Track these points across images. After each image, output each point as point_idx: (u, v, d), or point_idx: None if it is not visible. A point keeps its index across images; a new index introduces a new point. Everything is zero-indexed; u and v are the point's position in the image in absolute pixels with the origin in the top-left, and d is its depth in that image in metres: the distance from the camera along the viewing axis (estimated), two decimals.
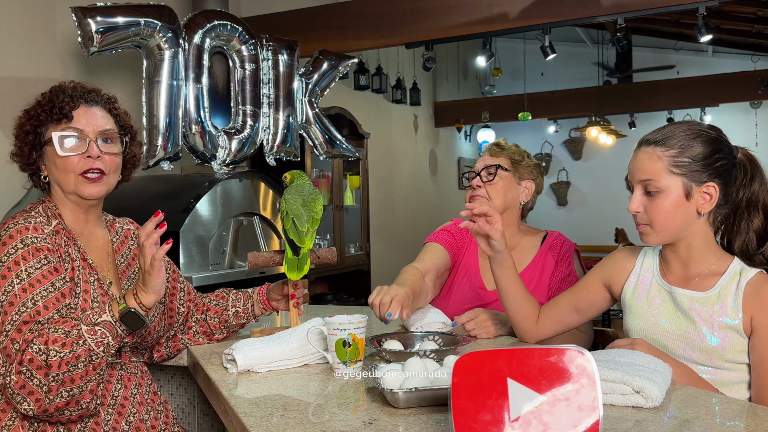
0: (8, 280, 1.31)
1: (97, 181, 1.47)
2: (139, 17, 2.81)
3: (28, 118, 1.47)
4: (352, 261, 4.93)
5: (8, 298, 1.30)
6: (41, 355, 1.25)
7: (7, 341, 1.27)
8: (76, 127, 1.45)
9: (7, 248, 1.34)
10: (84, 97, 1.49)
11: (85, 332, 1.28)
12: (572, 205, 9.08)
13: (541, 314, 1.64)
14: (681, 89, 7.18)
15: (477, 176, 1.99)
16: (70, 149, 1.44)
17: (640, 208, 1.40)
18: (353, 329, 1.39)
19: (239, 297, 1.76)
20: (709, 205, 1.38)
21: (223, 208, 3.13)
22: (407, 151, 7.04)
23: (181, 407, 1.90)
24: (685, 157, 1.37)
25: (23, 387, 1.25)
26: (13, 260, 1.32)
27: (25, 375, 1.25)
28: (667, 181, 1.37)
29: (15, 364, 1.25)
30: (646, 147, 1.41)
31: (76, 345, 1.27)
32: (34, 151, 1.46)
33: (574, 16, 3.52)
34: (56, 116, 1.45)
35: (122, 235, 1.63)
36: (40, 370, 1.24)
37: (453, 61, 8.09)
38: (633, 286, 1.51)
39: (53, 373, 1.25)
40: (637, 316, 1.49)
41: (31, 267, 1.33)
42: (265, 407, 1.17)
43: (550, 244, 1.99)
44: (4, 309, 1.29)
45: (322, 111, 3.72)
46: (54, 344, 1.25)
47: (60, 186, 1.47)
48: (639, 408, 1.10)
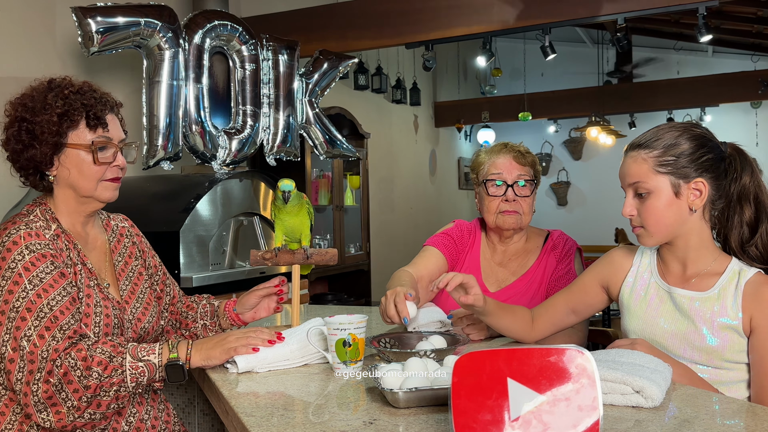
0: (21, 285, 1.30)
1: (116, 186, 1.50)
2: (139, 17, 2.81)
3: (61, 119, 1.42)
4: (352, 261, 4.93)
5: (25, 304, 1.28)
6: (77, 371, 1.25)
7: (31, 346, 1.26)
8: (108, 136, 1.46)
9: (13, 254, 1.32)
10: (110, 105, 1.50)
11: (128, 363, 1.30)
12: (572, 205, 9.08)
13: (537, 316, 1.63)
14: (681, 89, 7.18)
15: (510, 188, 1.91)
16: (106, 158, 1.45)
17: (633, 212, 1.42)
18: (353, 329, 1.39)
19: (207, 311, 1.72)
20: (700, 201, 1.39)
21: (223, 208, 3.13)
22: (407, 151, 7.04)
23: (181, 407, 1.90)
24: (670, 156, 1.38)
25: (50, 398, 1.24)
26: (23, 266, 1.31)
27: (55, 387, 1.24)
28: (654, 181, 1.38)
29: (44, 373, 1.24)
30: (631, 151, 1.43)
31: (115, 372, 1.28)
32: (54, 151, 1.43)
33: (574, 16, 3.52)
34: (92, 122, 1.44)
35: (118, 233, 1.62)
36: (71, 385, 1.24)
37: (453, 61, 8.09)
38: (630, 287, 1.51)
39: (88, 395, 1.25)
40: (635, 316, 1.49)
41: (42, 272, 1.32)
42: (265, 407, 1.17)
43: (553, 244, 1.97)
44: (22, 315, 1.28)
45: (322, 111, 3.72)
46: (98, 366, 1.27)
47: (75, 189, 1.46)
48: (639, 408, 1.10)
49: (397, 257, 6.15)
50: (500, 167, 1.92)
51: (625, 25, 4.02)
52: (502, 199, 1.91)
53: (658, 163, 1.38)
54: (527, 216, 1.93)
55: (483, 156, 1.99)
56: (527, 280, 1.94)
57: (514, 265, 1.98)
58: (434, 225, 2.20)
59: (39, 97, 1.44)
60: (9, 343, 1.26)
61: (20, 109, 1.44)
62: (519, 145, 1.99)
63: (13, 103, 1.46)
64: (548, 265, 1.95)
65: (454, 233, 2.03)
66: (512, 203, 1.91)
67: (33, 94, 1.45)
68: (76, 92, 1.45)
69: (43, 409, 1.24)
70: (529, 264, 1.97)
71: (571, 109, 7.73)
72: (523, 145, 1.99)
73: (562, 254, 1.95)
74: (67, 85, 1.45)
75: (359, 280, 5.10)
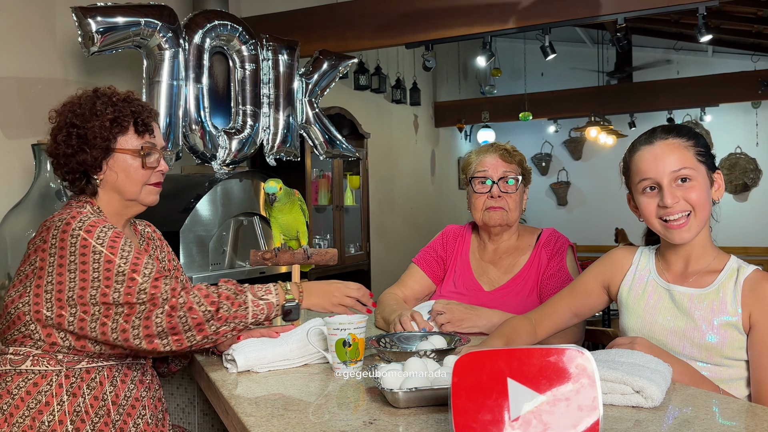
0: (118, 255, 1.38)
1: (158, 191, 1.59)
2: (139, 17, 2.81)
3: (112, 124, 1.49)
4: (352, 261, 4.93)
5: (129, 266, 1.38)
6: (201, 306, 1.37)
7: (149, 294, 1.36)
8: (154, 142, 1.55)
9: (94, 236, 1.39)
10: (154, 114, 1.59)
11: (250, 302, 1.43)
12: (572, 205, 9.08)
13: (539, 322, 1.61)
14: (681, 89, 7.18)
15: (495, 185, 1.96)
16: (152, 163, 1.54)
17: (677, 198, 1.38)
18: (353, 329, 1.39)
19: None
20: (719, 194, 1.40)
21: (223, 208, 3.13)
22: (407, 151, 7.04)
23: (181, 407, 1.90)
24: (701, 147, 1.41)
25: (173, 328, 1.36)
26: (110, 242, 1.40)
27: (180, 319, 1.36)
28: (698, 168, 1.39)
29: (166, 307, 1.35)
30: (666, 138, 1.41)
31: (240, 308, 1.42)
32: (103, 156, 1.50)
33: (574, 16, 3.52)
34: (140, 128, 1.53)
35: (146, 237, 1.71)
36: (195, 319, 1.37)
37: (453, 61, 8.09)
38: (629, 285, 1.51)
39: (214, 324, 1.39)
40: (633, 314, 1.49)
41: (127, 246, 1.41)
42: (265, 407, 1.17)
43: (544, 242, 1.99)
44: (130, 276, 1.37)
45: (322, 111, 3.72)
46: (227, 300, 1.40)
47: (120, 192, 1.53)
48: (639, 408, 1.11)
49: (397, 257, 6.16)
50: (486, 165, 1.97)
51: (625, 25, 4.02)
52: (487, 196, 1.96)
53: (697, 152, 1.40)
54: (514, 212, 1.96)
55: (472, 156, 2.05)
56: (521, 279, 1.96)
57: (506, 263, 2.00)
58: (434, 225, 2.23)
59: (87, 104, 1.50)
60: (122, 298, 1.36)
61: (69, 116, 1.50)
62: (506, 144, 2.04)
63: (60, 110, 1.53)
64: (540, 262, 1.96)
65: (437, 244, 2.12)
66: (497, 200, 1.95)
67: (80, 101, 1.52)
68: (123, 100, 1.53)
69: (165, 336, 1.37)
70: (521, 262, 1.98)
71: (571, 109, 7.72)
72: (510, 144, 2.04)
73: (553, 251, 1.96)
74: (113, 94, 1.54)
75: (359, 280, 5.09)
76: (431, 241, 2.15)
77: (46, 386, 1.40)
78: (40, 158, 2.45)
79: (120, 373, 1.49)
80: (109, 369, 1.47)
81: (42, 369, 1.41)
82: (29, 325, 1.40)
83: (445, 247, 2.10)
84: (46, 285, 1.38)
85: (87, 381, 1.44)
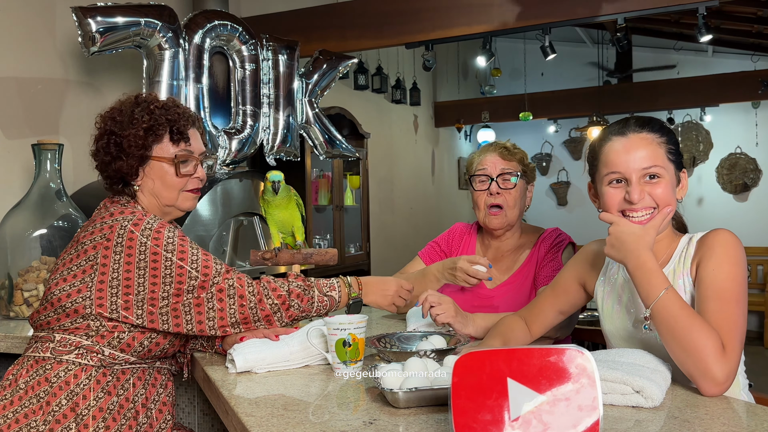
0: (188, 253, 1.44)
1: (196, 197, 1.62)
2: (139, 17, 2.81)
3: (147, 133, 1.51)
4: (352, 261, 4.93)
5: (201, 263, 1.44)
6: (269, 299, 1.46)
7: (222, 284, 1.44)
8: (190, 150, 1.57)
9: (164, 236, 1.43)
10: (192, 120, 1.60)
11: (316, 297, 1.52)
12: (572, 205, 9.08)
13: (530, 321, 1.63)
14: (681, 89, 7.17)
15: (494, 182, 1.97)
16: (187, 171, 1.56)
17: (643, 194, 1.35)
18: (353, 329, 1.39)
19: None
20: (683, 193, 1.40)
21: (223, 208, 3.13)
22: (407, 151, 7.04)
23: (181, 407, 1.90)
24: (672, 144, 1.38)
25: (245, 319, 1.46)
26: (179, 242, 1.44)
27: (251, 310, 1.45)
28: (666, 166, 1.36)
29: (237, 298, 1.44)
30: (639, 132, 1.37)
31: (309, 303, 1.51)
32: (139, 163, 1.52)
33: (574, 16, 3.52)
34: (175, 137, 1.54)
35: None
36: (264, 311, 1.46)
37: (453, 61, 8.09)
38: (602, 285, 1.51)
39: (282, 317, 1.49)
40: (609, 318, 1.48)
41: (194, 246, 1.48)
42: (266, 407, 1.17)
43: (544, 238, 2.02)
44: (203, 272, 1.43)
45: (322, 111, 3.72)
46: (297, 298, 1.49)
47: (158, 198, 1.56)
48: (639, 408, 1.11)
49: (397, 257, 6.15)
50: (486, 163, 2.00)
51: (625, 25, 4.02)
52: (487, 193, 1.98)
53: (668, 150, 1.37)
54: (513, 210, 1.97)
55: (474, 156, 2.08)
56: (521, 276, 1.98)
57: (508, 261, 2.03)
58: (434, 225, 2.25)
59: (126, 111, 1.53)
60: (195, 292, 1.42)
61: (109, 123, 1.53)
62: (506, 142, 2.06)
63: (103, 117, 1.55)
64: (539, 258, 1.98)
65: (442, 239, 2.16)
66: (496, 196, 1.96)
67: (121, 108, 1.54)
68: (161, 108, 1.54)
69: (236, 325, 1.45)
70: (521, 259, 2.01)
71: (571, 109, 7.72)
72: (510, 142, 2.06)
73: (550, 245, 1.98)
74: (152, 101, 1.55)
75: None
76: (438, 236, 2.20)
77: (85, 379, 1.42)
78: (40, 158, 2.45)
79: (151, 377, 1.53)
80: (141, 372, 1.51)
81: (84, 362, 1.43)
82: (88, 319, 1.43)
83: (450, 243, 2.14)
84: (110, 281, 1.41)
85: (122, 381, 1.47)
